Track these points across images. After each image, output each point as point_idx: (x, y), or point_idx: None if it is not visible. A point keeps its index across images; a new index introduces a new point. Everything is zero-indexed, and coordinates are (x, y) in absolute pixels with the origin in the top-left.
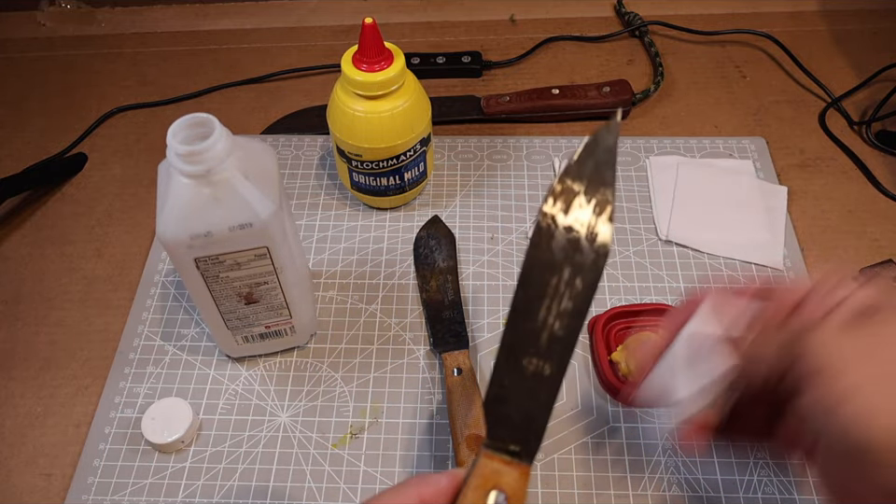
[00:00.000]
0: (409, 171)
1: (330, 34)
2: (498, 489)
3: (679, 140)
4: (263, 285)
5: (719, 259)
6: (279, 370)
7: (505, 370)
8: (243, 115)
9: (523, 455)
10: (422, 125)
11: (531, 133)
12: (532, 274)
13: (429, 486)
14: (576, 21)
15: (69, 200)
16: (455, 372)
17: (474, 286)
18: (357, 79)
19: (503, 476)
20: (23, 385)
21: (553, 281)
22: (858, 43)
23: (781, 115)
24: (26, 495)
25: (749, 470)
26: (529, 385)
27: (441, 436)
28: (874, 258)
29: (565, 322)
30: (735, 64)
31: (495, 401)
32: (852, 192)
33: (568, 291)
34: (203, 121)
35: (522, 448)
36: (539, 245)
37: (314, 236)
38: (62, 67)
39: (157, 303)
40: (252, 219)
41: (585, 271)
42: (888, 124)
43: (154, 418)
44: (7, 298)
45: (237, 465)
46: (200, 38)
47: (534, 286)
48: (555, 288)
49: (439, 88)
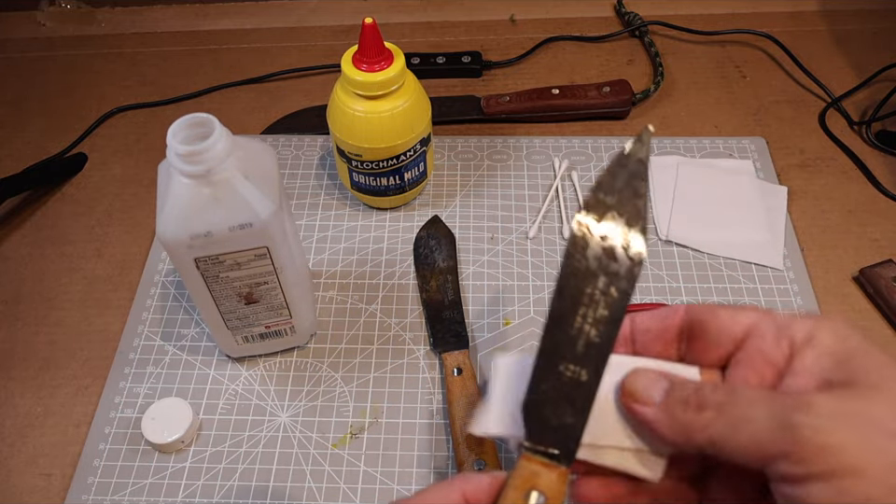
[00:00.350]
0: (409, 171)
1: (330, 34)
2: (538, 490)
3: (679, 140)
4: (263, 285)
5: (719, 259)
6: (279, 370)
7: (543, 375)
8: (243, 115)
9: (561, 457)
10: (422, 125)
11: (531, 132)
12: (568, 283)
13: (472, 484)
14: (576, 20)
15: (69, 200)
16: (455, 372)
17: (474, 286)
18: (357, 79)
19: (542, 478)
20: (23, 385)
21: (589, 289)
22: (858, 43)
23: (781, 115)
24: (26, 495)
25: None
26: (567, 391)
27: (441, 436)
28: (874, 258)
29: (600, 329)
30: (735, 64)
31: (534, 406)
32: (852, 192)
33: (604, 299)
34: (202, 121)
35: (560, 451)
36: (573, 254)
37: (314, 236)
38: (62, 67)
39: (157, 303)
40: (252, 219)
41: (620, 279)
42: (888, 124)
43: (154, 418)
44: (7, 298)
45: (237, 465)
46: (200, 38)
47: (570, 294)
48: (591, 297)
49: (439, 88)
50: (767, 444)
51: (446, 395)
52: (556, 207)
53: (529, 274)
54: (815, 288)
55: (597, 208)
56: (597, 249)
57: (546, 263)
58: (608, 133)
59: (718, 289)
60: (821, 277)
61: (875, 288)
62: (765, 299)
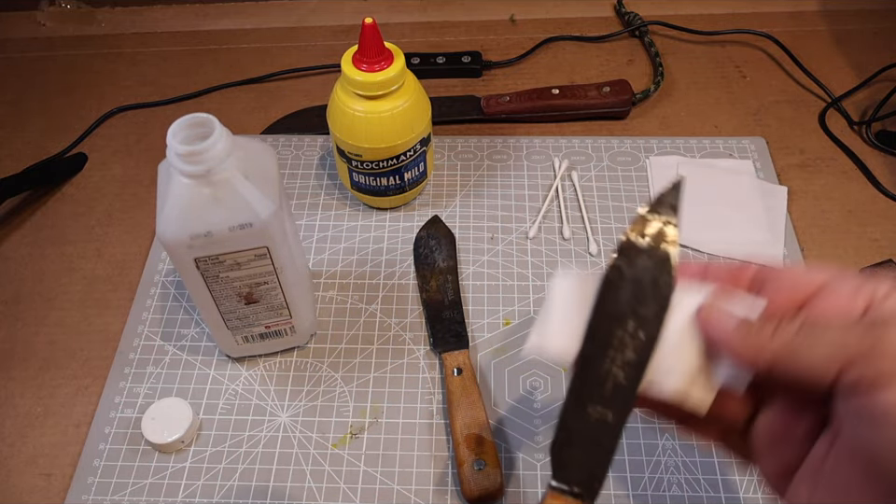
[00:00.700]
0: (409, 171)
1: (330, 34)
2: None
3: (679, 140)
4: (263, 285)
5: (719, 259)
6: (279, 370)
7: (571, 415)
8: (243, 115)
9: (584, 496)
10: (422, 125)
11: (531, 132)
12: (599, 326)
13: None
14: (576, 20)
15: (69, 200)
16: (455, 372)
17: (474, 286)
18: (357, 79)
19: None
20: (23, 385)
21: (619, 333)
22: (858, 43)
23: (781, 115)
24: (26, 495)
25: (748, 471)
26: (593, 431)
27: (441, 436)
28: (874, 258)
29: (628, 373)
30: (735, 64)
31: (561, 445)
32: (852, 192)
33: (632, 343)
34: (202, 121)
35: (584, 490)
36: (605, 297)
37: (314, 236)
38: (62, 67)
39: (157, 303)
40: (252, 219)
41: (648, 324)
42: (888, 124)
43: (154, 418)
44: (7, 298)
45: (237, 465)
46: (200, 38)
47: (601, 337)
48: (620, 340)
49: (439, 88)
50: (848, 347)
51: (446, 395)
52: (556, 207)
53: (529, 274)
54: None
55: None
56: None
57: (546, 263)
58: (608, 133)
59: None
60: None
61: None
62: None
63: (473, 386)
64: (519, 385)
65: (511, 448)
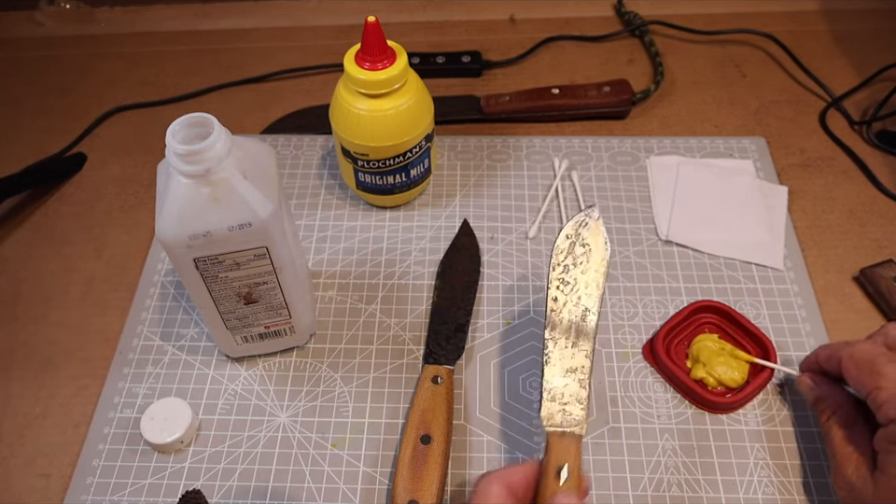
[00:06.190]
0: (415, 167)
1: (330, 33)
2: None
3: (679, 140)
4: (263, 285)
5: (719, 259)
6: (279, 370)
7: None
8: (242, 115)
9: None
10: (426, 121)
11: (531, 132)
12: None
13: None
14: (576, 20)
15: (69, 200)
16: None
17: None
18: (361, 78)
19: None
20: (22, 386)
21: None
22: (858, 43)
23: (781, 115)
24: (25, 495)
25: (749, 471)
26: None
27: None
28: (874, 258)
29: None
30: (735, 64)
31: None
32: (852, 192)
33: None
34: (202, 121)
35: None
36: None
37: (313, 236)
38: (61, 67)
39: (156, 303)
40: (251, 219)
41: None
42: (888, 124)
43: (153, 418)
44: (7, 298)
45: (236, 465)
46: (200, 38)
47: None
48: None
49: (439, 87)
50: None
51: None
52: (556, 207)
53: (529, 274)
54: (815, 288)
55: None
56: None
57: (546, 263)
58: (608, 132)
59: (718, 290)
60: (821, 277)
61: (875, 288)
62: (765, 299)
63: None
64: (519, 386)
65: (511, 448)
